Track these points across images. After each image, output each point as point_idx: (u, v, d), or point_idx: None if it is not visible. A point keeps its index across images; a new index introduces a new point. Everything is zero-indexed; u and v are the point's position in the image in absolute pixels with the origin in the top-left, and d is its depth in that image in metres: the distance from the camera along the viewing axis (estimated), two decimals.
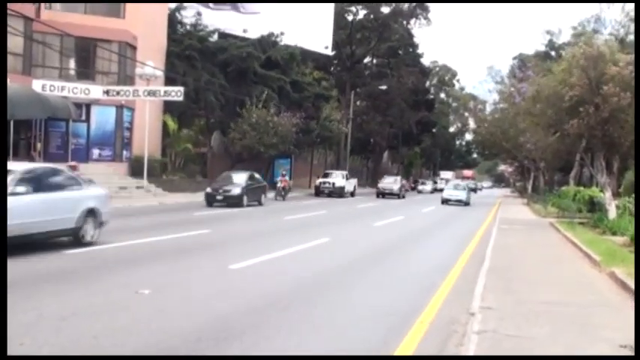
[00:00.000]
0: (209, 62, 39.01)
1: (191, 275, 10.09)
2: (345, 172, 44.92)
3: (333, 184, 42.04)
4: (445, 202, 37.30)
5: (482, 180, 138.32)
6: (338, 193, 41.31)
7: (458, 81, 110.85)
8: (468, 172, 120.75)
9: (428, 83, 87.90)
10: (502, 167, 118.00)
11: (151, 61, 31.74)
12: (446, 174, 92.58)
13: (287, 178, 36.51)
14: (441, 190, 70.69)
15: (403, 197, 45.91)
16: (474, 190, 71.68)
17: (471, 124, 67.08)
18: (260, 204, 28.56)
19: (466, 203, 37.58)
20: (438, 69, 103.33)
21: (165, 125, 37.13)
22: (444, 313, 8.22)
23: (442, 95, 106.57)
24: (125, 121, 33.45)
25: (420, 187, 65.74)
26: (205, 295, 8.59)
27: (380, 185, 47.20)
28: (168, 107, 36.31)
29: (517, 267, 12.08)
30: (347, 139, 58.01)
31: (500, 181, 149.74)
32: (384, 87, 63.37)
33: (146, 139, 30.76)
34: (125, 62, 32.45)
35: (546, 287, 9.89)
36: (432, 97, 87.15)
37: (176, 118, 38.12)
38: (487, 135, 50.95)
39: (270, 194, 36.07)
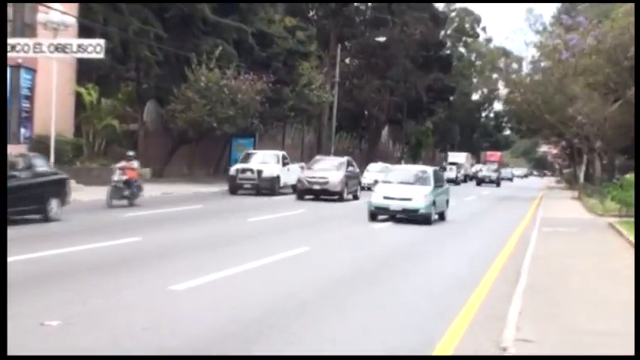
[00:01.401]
0: (140, 5, 38.79)
1: (120, 298, 10.21)
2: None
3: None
4: (374, 216, 24.63)
5: (518, 165, 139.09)
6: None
7: (483, 30, 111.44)
8: (493, 154, 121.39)
9: (442, 34, 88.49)
10: (544, 149, 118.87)
11: (59, 4, 31.45)
12: (457, 156, 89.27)
13: (136, 164, 26.69)
14: (451, 181, 70.52)
15: None
16: (497, 180, 71.60)
17: (502, 89, 67.14)
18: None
19: (418, 210, 24.38)
20: (455, 14, 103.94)
21: (79, 93, 36.90)
22: (465, 348, 8.27)
23: (462, 50, 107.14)
24: (23, 87, 33.10)
25: None
26: (131, 328, 8.57)
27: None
28: (84, 68, 36.04)
29: (564, 285, 12.17)
30: (332, 112, 58.14)
31: (541, 166, 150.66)
32: (382, 39, 63.36)
33: (53, 113, 30.53)
34: (23, 6, 32.05)
35: (603, 312, 9.96)
36: (447, 52, 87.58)
37: (95, 83, 37.88)
38: (523, 104, 51.23)
39: (215, 188, 36.14)
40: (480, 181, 72.96)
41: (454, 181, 70.76)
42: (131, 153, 27.58)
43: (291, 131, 63.46)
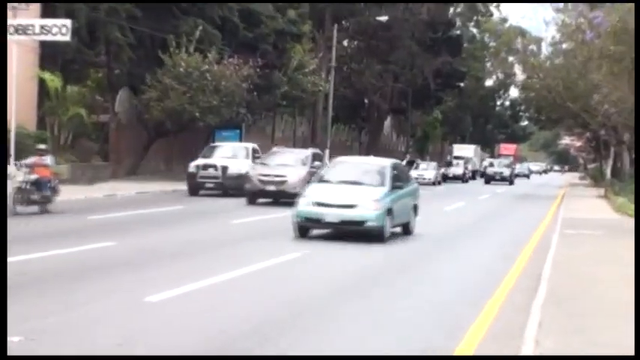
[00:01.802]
0: None
1: (89, 310, 10.26)
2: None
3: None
4: (304, 231, 19.58)
5: (537, 160, 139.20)
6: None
7: (497, 8, 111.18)
8: (508, 147, 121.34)
9: (451, 12, 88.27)
10: (566, 141, 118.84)
11: None
12: (464, 149, 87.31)
13: (49, 160, 23.93)
14: (451, 177, 68.52)
15: None
16: (509, 178, 69.71)
17: (519, 74, 66.97)
18: None
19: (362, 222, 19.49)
20: None
21: (43, 80, 36.82)
22: None
23: (473, 30, 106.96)
24: None
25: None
26: (102, 344, 8.59)
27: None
28: (48, 52, 35.96)
29: (588, 293, 12.19)
30: (328, 100, 58.17)
31: (563, 160, 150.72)
32: (384, 18, 63.31)
33: (13, 103, 30.47)
34: None
35: (631, 327, 10.00)
36: (457, 33, 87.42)
37: (60, 69, 37.80)
38: (543, 91, 51.36)
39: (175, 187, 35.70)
40: (490, 179, 69.81)
41: (461, 179, 70.39)
42: (42, 146, 24.57)
43: (282, 123, 63.51)
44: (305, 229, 19.37)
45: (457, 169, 71.47)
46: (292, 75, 49.41)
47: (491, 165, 75.74)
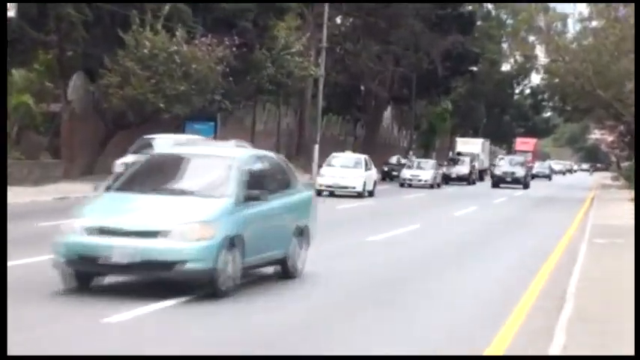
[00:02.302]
0: None
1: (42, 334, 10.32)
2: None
3: None
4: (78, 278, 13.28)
5: (561, 157, 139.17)
6: None
7: None
8: (525, 141, 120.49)
9: None
10: (595, 135, 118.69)
11: None
12: (469, 143, 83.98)
13: None
14: (453, 179, 65.00)
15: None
16: (523, 180, 64.19)
17: (541, 56, 66.75)
18: None
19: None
20: None
21: None
22: None
23: (488, 6, 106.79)
24: None
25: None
26: None
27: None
28: None
29: (623, 313, 12.12)
30: (318, 87, 58.05)
31: (592, 157, 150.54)
32: None
33: None
34: None
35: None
36: (469, 9, 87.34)
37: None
38: (569, 76, 51.29)
39: None
40: (499, 181, 64.40)
41: (467, 180, 67.05)
42: None
43: (264, 113, 63.20)
44: (81, 275, 13.16)
45: (462, 168, 67.79)
46: (277, 56, 49.27)
47: (500, 163, 69.81)
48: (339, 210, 33.19)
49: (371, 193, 42.64)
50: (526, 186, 63.38)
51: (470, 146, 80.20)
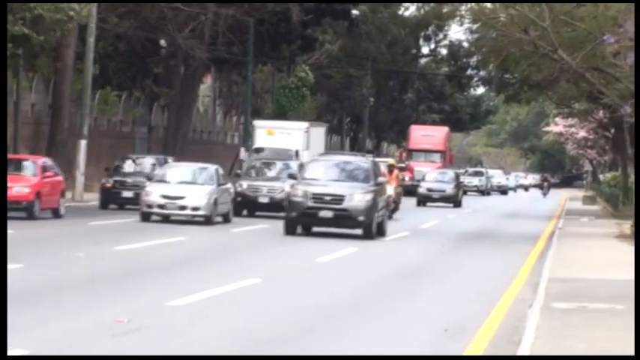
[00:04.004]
0: None
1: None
2: None
3: None
4: None
5: (499, 162, 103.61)
6: None
7: None
8: (427, 135, 78.15)
9: None
10: (557, 127, 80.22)
11: None
12: (282, 129, 52.05)
13: None
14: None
15: None
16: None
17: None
18: None
19: None
20: None
21: None
22: None
23: None
24: None
25: None
26: None
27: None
28: None
29: None
30: (87, 43, 40.32)
31: (549, 165, 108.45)
32: None
33: None
34: None
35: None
36: None
37: None
38: (513, 27, 32.06)
39: None
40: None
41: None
42: None
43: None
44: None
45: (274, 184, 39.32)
46: None
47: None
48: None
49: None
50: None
51: (281, 136, 49.81)
